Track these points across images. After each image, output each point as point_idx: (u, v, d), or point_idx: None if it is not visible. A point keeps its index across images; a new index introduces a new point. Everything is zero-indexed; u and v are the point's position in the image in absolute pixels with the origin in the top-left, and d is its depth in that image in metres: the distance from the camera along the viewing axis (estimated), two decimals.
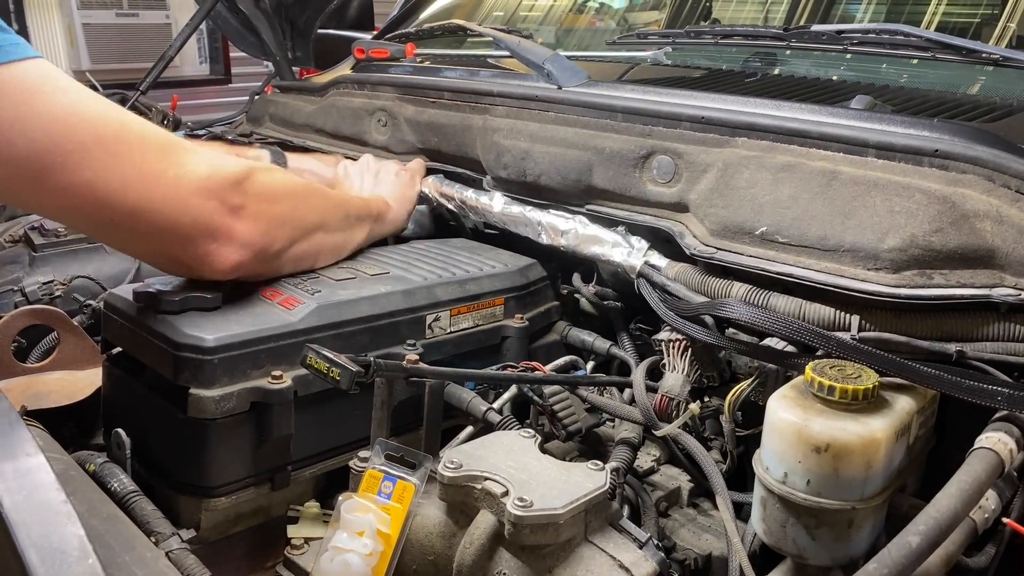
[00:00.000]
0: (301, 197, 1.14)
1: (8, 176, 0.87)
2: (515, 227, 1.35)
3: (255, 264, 1.04)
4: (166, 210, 0.95)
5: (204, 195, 0.97)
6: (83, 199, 0.91)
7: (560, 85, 1.36)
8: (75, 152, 0.89)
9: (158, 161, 0.95)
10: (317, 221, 1.14)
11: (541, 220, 1.30)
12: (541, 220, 1.30)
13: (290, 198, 1.11)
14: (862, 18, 2.13)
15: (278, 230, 1.07)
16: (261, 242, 1.04)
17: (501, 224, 1.37)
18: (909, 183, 0.99)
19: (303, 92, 1.89)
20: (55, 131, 0.87)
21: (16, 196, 0.94)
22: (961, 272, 0.94)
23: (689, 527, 1.08)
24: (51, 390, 1.15)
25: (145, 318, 0.99)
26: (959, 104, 1.25)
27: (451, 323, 1.17)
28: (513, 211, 1.35)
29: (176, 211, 0.96)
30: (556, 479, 0.84)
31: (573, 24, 2.50)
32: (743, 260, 1.06)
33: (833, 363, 0.86)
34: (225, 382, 0.95)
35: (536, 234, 1.31)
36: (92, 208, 0.92)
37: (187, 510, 0.97)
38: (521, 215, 1.33)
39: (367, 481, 0.87)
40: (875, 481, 0.80)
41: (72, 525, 0.56)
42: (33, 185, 0.88)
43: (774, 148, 1.11)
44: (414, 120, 1.55)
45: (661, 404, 1.06)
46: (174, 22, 4.89)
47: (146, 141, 0.95)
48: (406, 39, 1.85)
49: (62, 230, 1.36)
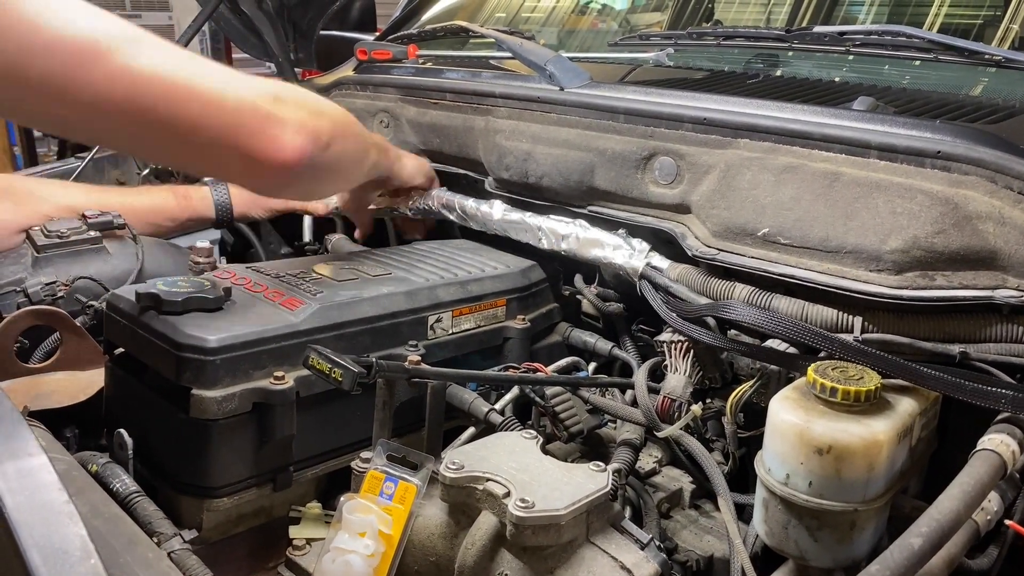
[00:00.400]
0: (323, 102, 1.17)
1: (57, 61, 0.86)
2: (515, 233, 1.35)
3: (315, 150, 1.05)
4: (228, 96, 0.98)
5: (254, 92, 1.01)
6: (146, 82, 0.92)
7: (562, 86, 1.36)
8: (133, 39, 0.92)
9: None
10: (342, 118, 1.16)
11: (541, 225, 1.30)
12: (541, 225, 1.30)
13: (315, 100, 1.14)
14: (864, 20, 2.13)
15: (319, 119, 1.08)
16: (313, 125, 1.05)
17: (502, 231, 1.37)
18: (911, 184, 0.99)
19: None
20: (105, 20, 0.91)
21: (63, 85, 0.90)
22: (964, 274, 0.94)
23: (691, 528, 1.08)
24: (53, 391, 1.15)
25: (147, 319, 1.00)
26: (962, 105, 1.25)
27: (453, 324, 1.18)
28: (512, 217, 1.35)
29: (238, 100, 0.99)
30: (558, 480, 0.84)
31: (575, 25, 2.50)
32: (745, 261, 1.06)
33: (835, 365, 0.86)
34: (227, 383, 0.95)
35: (537, 240, 1.31)
36: (158, 94, 0.93)
37: (189, 510, 0.97)
38: (521, 221, 1.33)
39: (369, 482, 0.87)
40: (877, 483, 0.80)
41: (74, 525, 0.56)
42: (87, 69, 0.88)
43: (776, 149, 1.11)
44: (416, 121, 1.55)
45: (663, 405, 1.06)
46: (177, 23, 4.91)
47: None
48: (408, 40, 1.85)
49: (65, 231, 1.36)
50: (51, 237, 1.35)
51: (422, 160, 1.50)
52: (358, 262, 1.25)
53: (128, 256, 1.38)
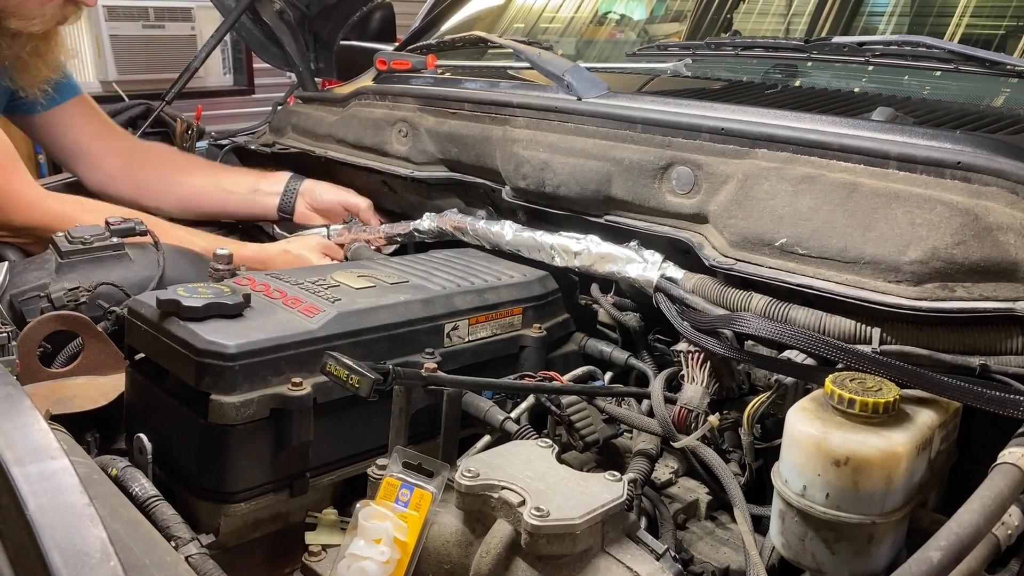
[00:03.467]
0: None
1: None
2: (528, 252, 1.35)
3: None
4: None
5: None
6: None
7: (580, 96, 1.37)
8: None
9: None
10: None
11: (553, 243, 1.30)
12: (553, 243, 1.30)
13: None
14: (884, 30, 2.12)
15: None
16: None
17: (514, 250, 1.37)
18: (931, 195, 0.98)
19: (325, 103, 1.91)
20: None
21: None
22: (984, 285, 0.93)
23: (707, 540, 1.07)
24: (75, 395, 1.16)
25: (168, 324, 1.01)
26: (982, 116, 1.24)
27: (469, 332, 1.18)
28: (524, 237, 1.35)
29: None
30: (573, 489, 0.84)
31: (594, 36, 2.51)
32: (763, 272, 1.06)
33: (853, 376, 0.85)
34: (246, 388, 0.96)
35: (550, 258, 1.31)
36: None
37: (207, 515, 0.98)
38: (532, 240, 1.34)
39: (385, 489, 0.88)
40: (896, 495, 0.80)
41: (95, 528, 0.57)
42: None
43: (794, 160, 1.11)
44: (434, 131, 1.56)
45: (679, 416, 1.06)
46: (199, 34, 4.95)
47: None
48: (427, 51, 1.86)
49: (88, 237, 1.38)
50: (75, 243, 1.37)
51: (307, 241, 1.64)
52: (376, 270, 1.26)
53: (150, 263, 1.40)
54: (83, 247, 1.37)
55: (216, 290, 1.05)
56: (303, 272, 1.24)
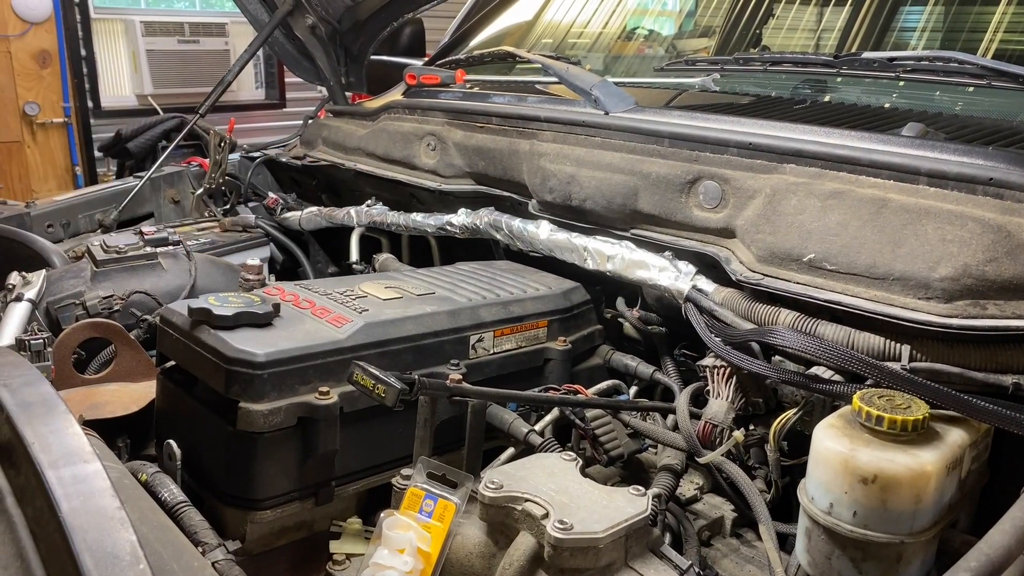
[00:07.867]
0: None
1: None
2: (561, 254, 1.35)
3: None
4: None
5: None
6: None
7: (607, 111, 1.37)
8: None
9: None
10: None
11: (587, 246, 1.30)
12: (587, 246, 1.30)
13: None
14: (916, 46, 2.10)
15: None
16: None
17: (547, 251, 1.38)
18: (962, 211, 0.97)
19: (355, 116, 1.93)
20: None
21: None
22: (1017, 303, 0.91)
23: (732, 557, 1.06)
24: (107, 401, 1.18)
25: (199, 333, 1.02)
26: (1015, 132, 1.23)
27: (494, 344, 1.18)
28: (558, 238, 1.36)
29: None
30: (597, 503, 0.84)
31: (622, 51, 2.51)
32: (790, 287, 1.05)
33: (882, 393, 0.84)
34: (274, 397, 0.97)
35: (582, 260, 1.31)
36: None
37: (233, 522, 0.99)
38: (567, 241, 1.34)
39: (409, 499, 0.88)
40: (925, 515, 0.78)
41: (125, 531, 0.58)
42: None
43: (823, 175, 1.10)
44: (463, 144, 1.58)
45: (705, 431, 1.05)
46: (232, 48, 5.05)
47: None
48: (457, 65, 1.88)
49: (123, 247, 1.41)
50: (109, 252, 1.40)
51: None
52: (403, 281, 1.27)
53: (182, 272, 1.42)
54: (117, 256, 1.40)
55: (246, 299, 1.06)
56: (332, 282, 1.25)
